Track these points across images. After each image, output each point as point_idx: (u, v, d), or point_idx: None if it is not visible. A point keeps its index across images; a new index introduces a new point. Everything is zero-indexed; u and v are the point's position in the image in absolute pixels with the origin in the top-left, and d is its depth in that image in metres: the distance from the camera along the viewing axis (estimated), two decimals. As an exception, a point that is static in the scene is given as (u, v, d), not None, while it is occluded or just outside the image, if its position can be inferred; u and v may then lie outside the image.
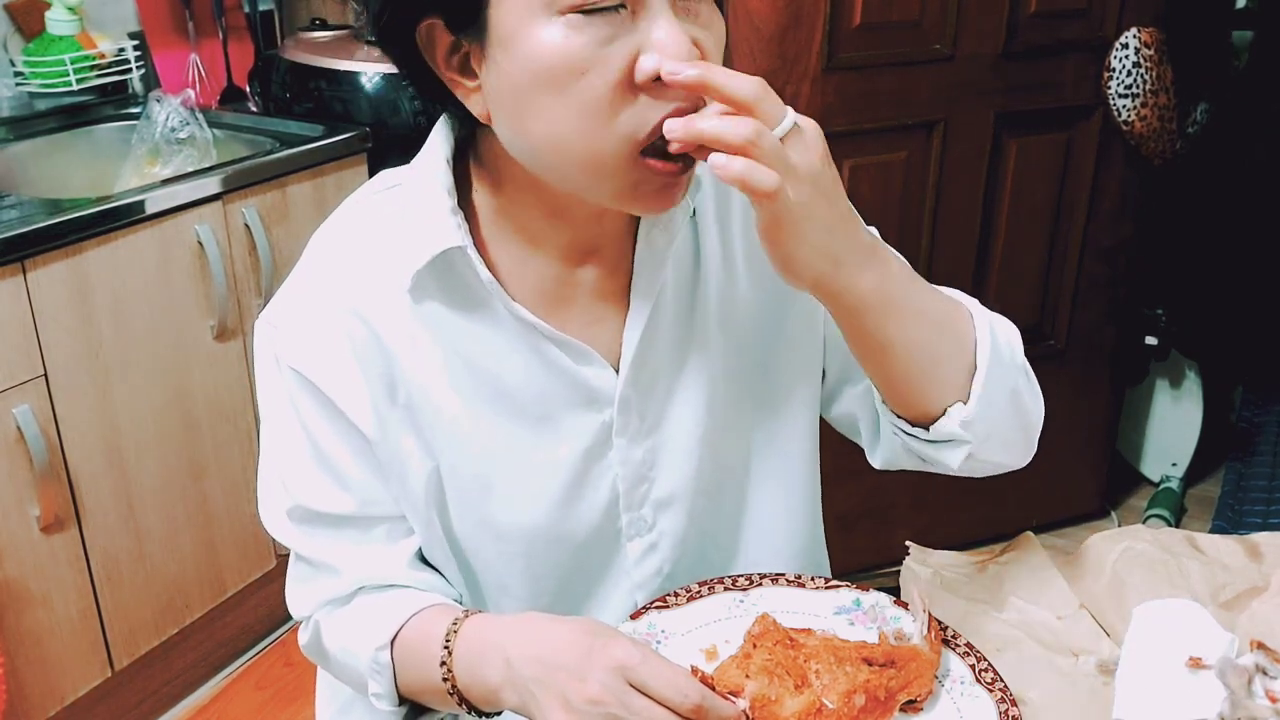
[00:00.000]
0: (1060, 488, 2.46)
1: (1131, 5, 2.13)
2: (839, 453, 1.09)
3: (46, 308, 1.75)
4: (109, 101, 2.40)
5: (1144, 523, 2.43)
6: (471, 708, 0.84)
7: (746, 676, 0.79)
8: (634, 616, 0.90)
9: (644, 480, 0.93)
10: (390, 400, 0.87)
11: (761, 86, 0.71)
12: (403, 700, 0.90)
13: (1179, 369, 2.66)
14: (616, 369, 0.89)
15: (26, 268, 1.71)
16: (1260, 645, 0.86)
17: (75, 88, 2.24)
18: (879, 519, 2.29)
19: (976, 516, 2.30)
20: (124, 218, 1.85)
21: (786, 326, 0.95)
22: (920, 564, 1.01)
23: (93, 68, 2.29)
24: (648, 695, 0.73)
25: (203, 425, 2.05)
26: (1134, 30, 2.13)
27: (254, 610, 2.24)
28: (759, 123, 0.70)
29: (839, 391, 1.00)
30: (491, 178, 0.86)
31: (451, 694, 0.83)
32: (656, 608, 0.90)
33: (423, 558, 0.93)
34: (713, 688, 0.76)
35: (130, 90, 2.43)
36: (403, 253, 0.84)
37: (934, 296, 0.85)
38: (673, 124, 0.72)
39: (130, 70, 2.37)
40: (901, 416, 0.88)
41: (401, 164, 0.91)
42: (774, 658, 0.81)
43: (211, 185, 1.99)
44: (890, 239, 0.95)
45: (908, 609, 0.90)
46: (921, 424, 0.86)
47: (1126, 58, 2.14)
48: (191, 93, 2.34)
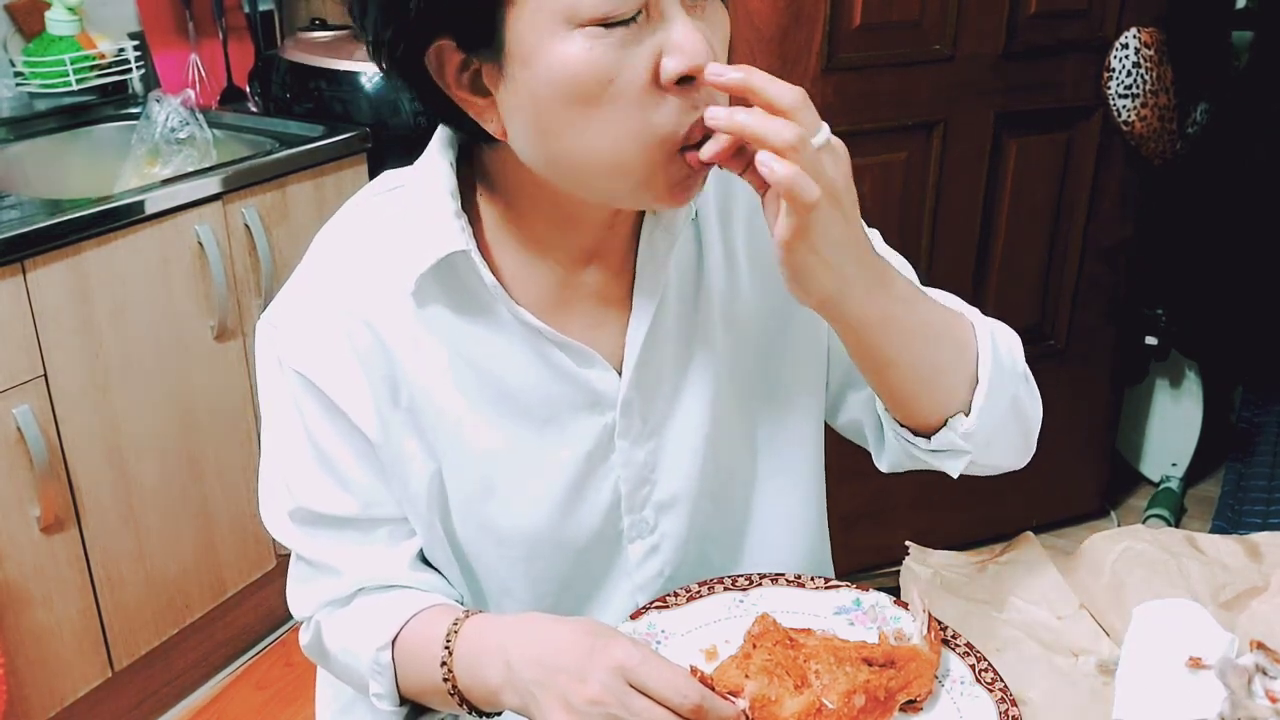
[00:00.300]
0: (1060, 488, 2.46)
1: (1131, 5, 2.13)
2: (842, 453, 1.09)
3: (46, 308, 1.75)
4: (109, 102, 2.39)
5: (1144, 523, 2.43)
6: (472, 708, 0.84)
7: (746, 676, 0.79)
8: (634, 617, 0.90)
9: (646, 482, 0.92)
10: (393, 402, 0.87)
11: (801, 96, 0.71)
12: (404, 700, 0.90)
13: (1179, 369, 2.66)
14: (619, 371, 0.89)
15: (26, 268, 1.71)
16: (1260, 645, 0.86)
17: (75, 88, 2.24)
18: (879, 519, 2.29)
19: (976, 516, 2.30)
20: (124, 218, 1.84)
21: (790, 328, 0.95)
22: (920, 564, 1.01)
23: (93, 68, 2.28)
24: (648, 695, 0.73)
25: (203, 425, 2.05)
26: (1134, 30, 2.13)
27: (254, 610, 2.24)
28: (802, 129, 0.70)
29: (843, 398, 1.00)
30: (496, 183, 0.86)
31: (452, 694, 0.83)
32: (656, 608, 0.90)
33: (424, 559, 0.93)
34: (712, 688, 0.76)
35: (130, 90, 2.43)
36: (406, 255, 0.84)
37: (937, 311, 0.85)
38: (715, 111, 0.72)
39: (130, 70, 2.37)
40: (904, 425, 0.88)
41: (402, 164, 0.91)
42: (774, 658, 0.80)
43: (211, 185, 1.99)
44: (890, 239, 0.95)
45: (908, 609, 0.90)
46: (923, 433, 0.87)
47: (1126, 58, 2.14)
48: (191, 93, 2.34)
